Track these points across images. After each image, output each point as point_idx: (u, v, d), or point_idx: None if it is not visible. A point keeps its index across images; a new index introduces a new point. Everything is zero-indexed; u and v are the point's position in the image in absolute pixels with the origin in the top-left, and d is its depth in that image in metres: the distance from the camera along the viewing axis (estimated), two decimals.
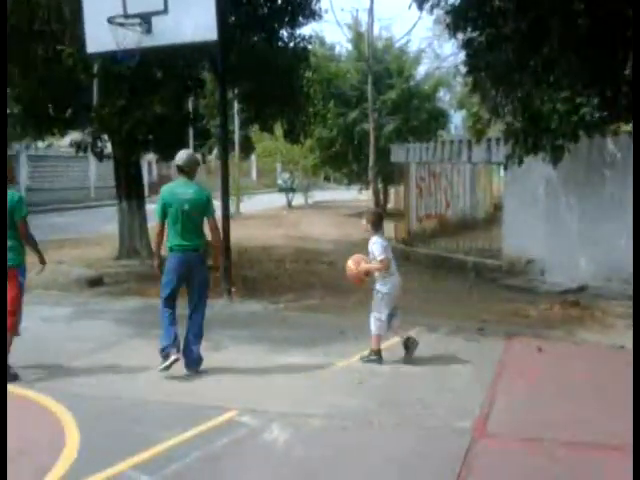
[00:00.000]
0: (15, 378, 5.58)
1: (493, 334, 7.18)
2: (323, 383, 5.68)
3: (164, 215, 5.75)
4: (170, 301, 5.87)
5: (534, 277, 10.50)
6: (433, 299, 9.30)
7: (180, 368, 5.87)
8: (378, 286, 6.18)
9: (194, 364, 5.84)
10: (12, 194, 5.73)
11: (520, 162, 8.91)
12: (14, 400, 5.23)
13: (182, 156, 5.92)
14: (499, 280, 10.63)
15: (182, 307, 6.05)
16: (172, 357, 5.68)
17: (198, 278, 5.87)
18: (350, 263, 6.28)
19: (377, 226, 6.25)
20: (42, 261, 6.13)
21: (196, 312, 5.93)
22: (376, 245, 6.10)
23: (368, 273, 6.22)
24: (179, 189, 5.80)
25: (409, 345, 6.17)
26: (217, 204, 6.53)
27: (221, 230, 8.87)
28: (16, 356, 5.97)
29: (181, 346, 5.80)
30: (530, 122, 8.64)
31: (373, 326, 6.18)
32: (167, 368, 5.67)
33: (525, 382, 5.76)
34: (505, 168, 10.33)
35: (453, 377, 5.80)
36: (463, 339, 7.04)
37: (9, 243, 5.68)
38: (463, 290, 10.03)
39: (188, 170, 5.87)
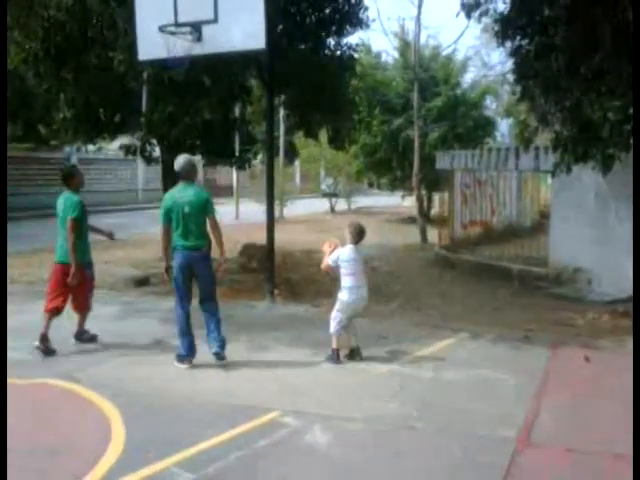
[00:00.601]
0: (93, 339, 6.84)
1: (539, 343, 7.09)
2: (365, 387, 5.69)
3: (168, 219, 6.10)
4: (184, 302, 6.21)
5: (581, 286, 10.31)
6: (477, 306, 9.22)
7: (218, 367, 6.01)
8: (340, 294, 6.46)
9: (221, 349, 6.15)
10: (70, 197, 6.62)
11: (568, 170, 8.78)
12: (61, 394, 5.40)
13: (180, 162, 6.25)
14: (545, 289, 10.47)
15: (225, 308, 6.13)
16: (185, 365, 6.10)
17: (203, 275, 6.23)
18: (326, 246, 6.57)
19: (356, 239, 6.52)
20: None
21: (208, 305, 6.27)
22: (341, 251, 6.40)
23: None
24: (179, 193, 6.14)
25: (353, 355, 6.41)
26: (262, 209, 6.64)
27: (266, 233, 9.03)
28: (65, 353, 6.16)
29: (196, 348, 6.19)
30: (580, 131, 8.50)
31: (330, 325, 6.43)
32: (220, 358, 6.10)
33: (571, 392, 5.67)
34: (553, 176, 10.18)
35: (497, 385, 5.74)
36: (508, 347, 6.97)
37: (59, 241, 6.62)
38: (508, 298, 9.91)
39: (186, 174, 6.21)
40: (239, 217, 23.56)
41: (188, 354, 6.14)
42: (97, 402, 5.18)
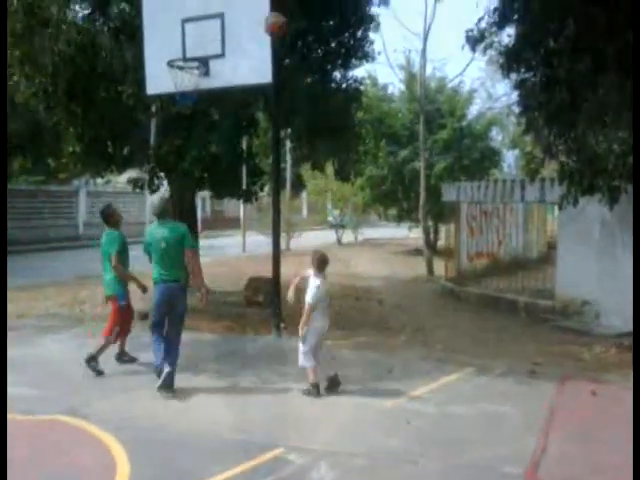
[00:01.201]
0: (132, 360, 7.43)
1: (546, 377, 7.02)
2: (371, 422, 5.64)
3: (148, 253, 6.67)
4: (158, 328, 6.60)
5: (588, 319, 10.24)
6: (484, 339, 9.16)
7: (223, 402, 5.98)
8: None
9: (168, 367, 6.34)
10: (111, 233, 7.37)
11: (575, 203, 8.79)
12: (67, 430, 5.36)
13: (154, 204, 6.79)
14: (552, 321, 10.41)
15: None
16: (165, 370, 6.29)
17: (178, 305, 6.61)
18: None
19: (320, 268, 6.56)
20: (141, 286, 7.39)
21: (171, 333, 6.59)
22: (310, 288, 6.41)
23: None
24: (157, 230, 6.62)
25: (333, 385, 6.38)
26: (269, 241, 6.71)
27: (272, 266, 9.03)
28: (66, 387, 6.13)
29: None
30: (585, 162, 8.53)
31: (302, 359, 6.41)
32: (164, 385, 6.23)
33: (579, 427, 5.60)
34: (560, 208, 10.18)
35: (503, 420, 5.68)
36: (514, 381, 6.91)
37: (107, 276, 7.30)
38: (515, 331, 9.85)
39: (160, 213, 6.69)
40: (246, 249, 23.59)
41: (164, 359, 6.42)
42: (102, 437, 5.14)
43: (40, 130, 19.26)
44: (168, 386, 6.25)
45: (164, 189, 11.23)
